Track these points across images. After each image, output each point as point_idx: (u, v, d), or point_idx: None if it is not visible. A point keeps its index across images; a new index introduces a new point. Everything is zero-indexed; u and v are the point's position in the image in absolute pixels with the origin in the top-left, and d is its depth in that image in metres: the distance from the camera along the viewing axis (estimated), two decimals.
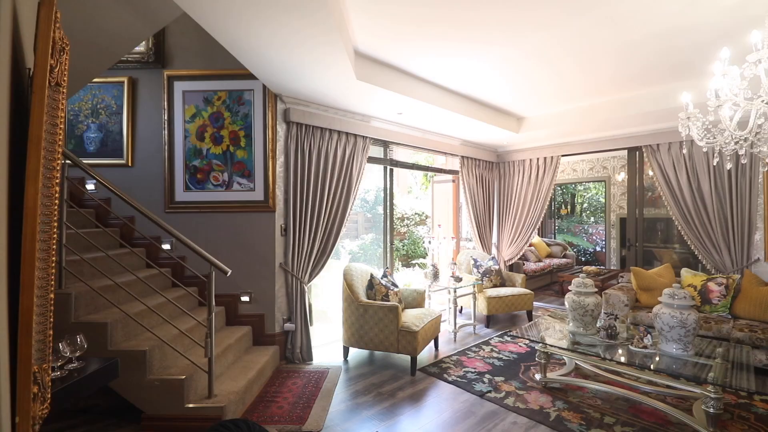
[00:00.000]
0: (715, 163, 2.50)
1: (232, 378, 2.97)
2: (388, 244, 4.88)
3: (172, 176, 3.77)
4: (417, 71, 3.73)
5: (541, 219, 6.03)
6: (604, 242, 8.84)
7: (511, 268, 6.41)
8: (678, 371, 2.62)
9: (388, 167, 4.88)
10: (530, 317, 5.14)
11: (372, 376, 3.44)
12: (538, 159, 5.92)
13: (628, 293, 4.20)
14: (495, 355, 3.94)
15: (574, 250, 9.30)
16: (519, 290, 5.03)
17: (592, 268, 6.67)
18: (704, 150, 2.50)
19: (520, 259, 6.57)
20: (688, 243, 4.54)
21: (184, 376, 2.61)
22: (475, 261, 5.33)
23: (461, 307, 5.46)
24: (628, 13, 2.68)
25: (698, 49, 3.14)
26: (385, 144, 4.80)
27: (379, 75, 3.54)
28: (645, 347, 2.77)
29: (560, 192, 10.15)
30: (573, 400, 2.99)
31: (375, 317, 3.50)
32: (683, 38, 3.00)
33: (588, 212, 10.09)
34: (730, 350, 2.86)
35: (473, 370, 3.54)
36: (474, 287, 4.79)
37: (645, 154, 4.89)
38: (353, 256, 6.87)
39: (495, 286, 5.22)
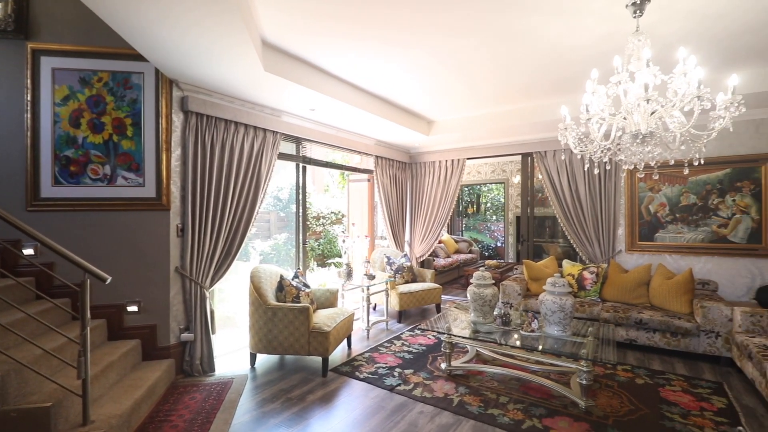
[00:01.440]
0: (586, 169, 2.89)
1: (114, 399, 2.61)
2: (301, 243, 4.74)
3: (36, 168, 3.17)
4: (331, 68, 3.68)
5: (449, 217, 6.41)
6: (503, 238, 9.75)
7: (423, 264, 6.71)
8: (559, 350, 2.98)
9: (301, 164, 4.74)
10: (438, 310, 5.43)
11: (281, 382, 3.30)
12: (446, 161, 6.28)
13: (521, 283, 4.67)
14: (405, 348, 4.07)
15: (479, 246, 10.10)
16: (429, 285, 5.28)
17: (493, 262, 7.31)
18: (579, 157, 2.88)
19: (430, 255, 6.91)
20: (569, 237, 5.21)
21: (50, 403, 2.21)
22: (389, 258, 5.46)
23: (375, 304, 5.55)
24: (519, 33, 2.96)
25: (576, 68, 3.61)
26: (297, 140, 4.65)
27: (291, 69, 3.41)
28: (533, 331, 3.10)
29: (467, 192, 10.92)
30: (474, 385, 3.22)
31: (285, 320, 3.37)
32: (564, 58, 3.42)
33: (491, 211, 11.01)
34: (600, 329, 3.34)
35: (384, 366, 3.62)
36: (387, 284, 4.90)
37: (535, 160, 5.49)
38: (265, 257, 6.55)
39: (407, 282, 5.41)
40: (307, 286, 3.93)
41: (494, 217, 10.85)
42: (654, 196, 4.76)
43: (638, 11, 2.56)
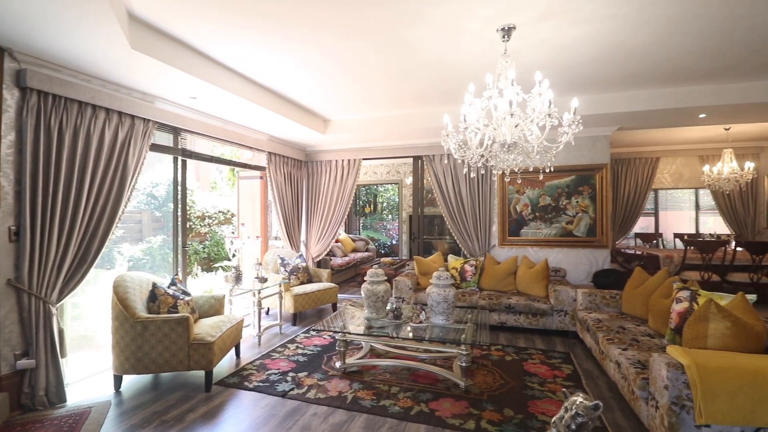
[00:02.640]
0: (465, 172, 3.19)
1: None
2: (180, 246, 4.27)
3: None
4: (219, 56, 3.39)
5: (345, 216, 6.46)
6: (398, 236, 10.24)
7: (319, 264, 6.64)
8: (443, 338, 3.23)
9: (180, 158, 4.26)
10: (335, 309, 5.44)
11: (155, 404, 2.92)
12: (343, 160, 6.31)
13: (411, 279, 4.96)
14: (300, 351, 3.98)
15: (376, 244, 10.43)
16: (325, 285, 5.25)
17: (388, 259, 7.62)
18: (459, 161, 3.18)
19: (327, 254, 6.88)
20: (453, 234, 5.71)
21: None
22: (283, 260, 5.26)
23: (268, 308, 5.30)
24: (409, 42, 3.13)
25: (458, 80, 3.97)
26: (175, 131, 4.17)
27: (168, 50, 3.03)
28: (421, 322, 3.31)
29: (364, 192, 11.18)
30: (367, 379, 3.30)
31: (158, 334, 2.98)
32: (448, 71, 3.73)
33: (387, 210, 11.46)
34: (477, 315, 3.73)
35: (277, 372, 3.48)
36: (281, 286, 4.72)
37: (425, 163, 5.88)
38: (135, 263, 5.72)
39: (302, 283, 5.29)
40: (187, 294, 3.55)
41: (390, 216, 11.31)
42: (520, 197, 5.52)
43: (506, 36, 2.93)
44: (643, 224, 8.47)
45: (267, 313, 5.34)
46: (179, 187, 4.27)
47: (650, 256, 6.07)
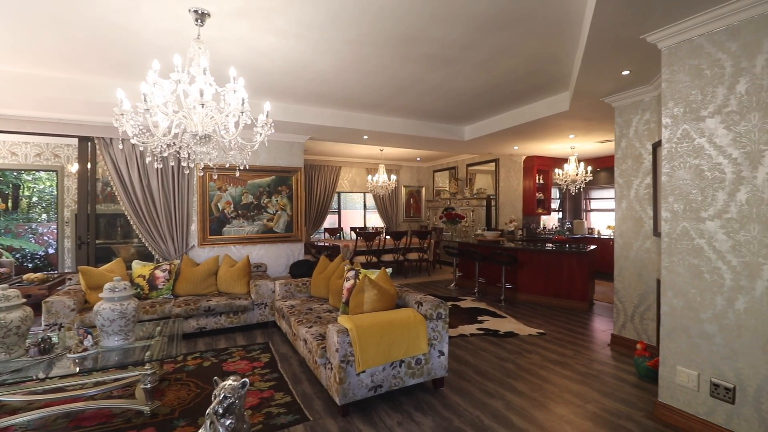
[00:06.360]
0: (147, 162, 2.75)
1: None
2: None
3: None
4: None
5: None
6: (57, 243, 7.67)
7: None
8: (123, 362, 2.66)
9: None
10: None
11: None
12: None
13: (76, 296, 3.82)
14: None
15: (16, 255, 7.41)
16: None
17: (38, 274, 5.54)
18: (141, 149, 2.70)
19: None
20: (140, 236, 4.85)
21: None
22: None
23: None
24: None
25: (141, 54, 3.36)
26: None
27: None
28: (86, 350, 2.59)
29: None
30: None
31: None
32: (126, 38, 3.09)
33: (39, 208, 8.40)
34: (168, 326, 3.30)
35: None
36: None
37: (99, 147, 4.67)
38: None
39: None
40: None
41: (45, 216, 8.36)
42: (222, 195, 5.36)
43: (200, 21, 2.73)
44: (331, 220, 10.22)
45: None
46: None
47: (335, 247, 7.37)
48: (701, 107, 2.42)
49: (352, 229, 9.58)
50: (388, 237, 8.23)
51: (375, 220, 10.75)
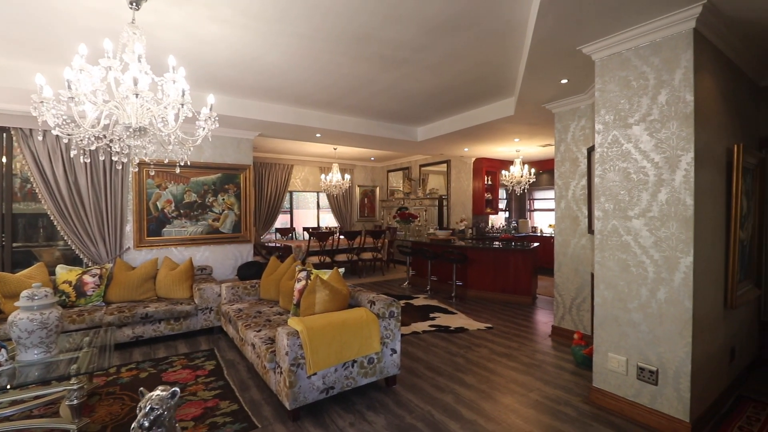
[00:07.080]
0: (73, 156, 2.50)
1: None
2: None
3: None
4: None
5: None
6: None
7: None
8: (44, 377, 2.39)
9: None
10: None
11: None
12: None
13: None
14: None
15: None
16: None
17: None
18: (65, 141, 2.44)
19: None
20: (66, 238, 4.40)
21: None
22: None
23: None
24: None
25: (64, 36, 3.05)
26: None
27: None
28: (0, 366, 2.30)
29: None
30: None
31: None
32: (47, 15, 2.78)
33: None
34: (99, 335, 3.02)
35: None
36: None
37: (15, 138, 4.18)
38: None
39: None
40: None
41: None
42: (161, 193, 5.01)
43: (134, 3, 2.52)
44: (283, 220, 9.93)
45: None
46: None
47: (286, 247, 7.17)
48: (628, 115, 2.64)
49: (305, 229, 9.39)
50: (341, 237, 8.16)
51: (329, 220, 10.61)
